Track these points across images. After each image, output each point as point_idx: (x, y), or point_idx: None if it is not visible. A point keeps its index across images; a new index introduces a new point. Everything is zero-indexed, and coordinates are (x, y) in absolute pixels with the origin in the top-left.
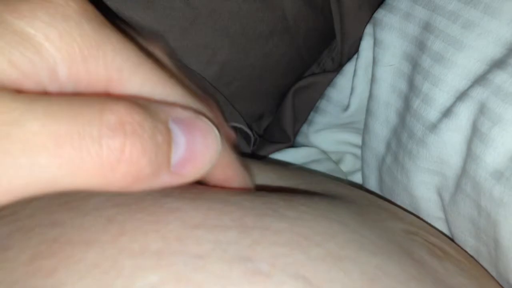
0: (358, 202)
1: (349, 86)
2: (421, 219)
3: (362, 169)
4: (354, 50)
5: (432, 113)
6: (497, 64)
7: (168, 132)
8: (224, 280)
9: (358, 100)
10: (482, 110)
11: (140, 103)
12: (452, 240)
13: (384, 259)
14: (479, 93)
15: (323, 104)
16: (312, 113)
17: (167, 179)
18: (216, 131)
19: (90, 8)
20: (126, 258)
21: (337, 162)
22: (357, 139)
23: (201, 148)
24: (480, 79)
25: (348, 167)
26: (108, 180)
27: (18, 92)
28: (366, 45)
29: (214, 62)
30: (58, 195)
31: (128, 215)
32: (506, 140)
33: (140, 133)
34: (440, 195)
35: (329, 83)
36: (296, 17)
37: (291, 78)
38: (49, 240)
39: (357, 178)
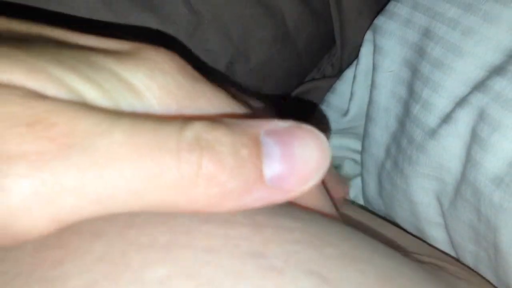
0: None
1: (349, 92)
2: (416, 236)
3: (361, 175)
4: (354, 56)
5: (431, 119)
6: (497, 71)
7: (257, 145)
8: (236, 275)
9: (358, 106)
10: (481, 116)
11: (223, 121)
12: (447, 254)
13: (397, 261)
14: (478, 99)
15: (323, 109)
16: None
17: (264, 195)
18: (322, 137)
19: (185, 64)
20: (134, 250)
21: (336, 167)
22: (357, 145)
23: (302, 158)
24: (479, 86)
25: (348, 172)
26: (190, 197)
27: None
28: (366, 51)
29: (217, 67)
30: None
31: None
32: (505, 146)
33: (217, 148)
34: (439, 200)
35: (328, 88)
36: (296, 23)
37: (291, 83)
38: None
39: (356, 184)
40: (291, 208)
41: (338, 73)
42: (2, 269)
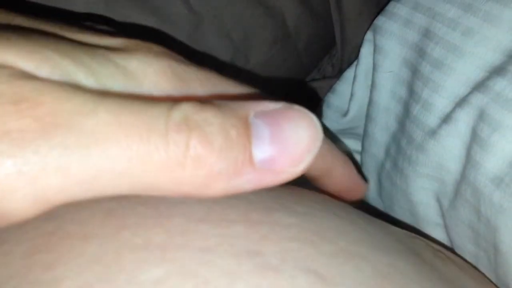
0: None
1: (349, 92)
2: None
3: None
4: (354, 56)
5: (431, 119)
6: (497, 71)
7: (246, 126)
8: (232, 274)
9: (358, 106)
10: (481, 116)
11: (213, 102)
12: (450, 249)
13: (395, 257)
14: (478, 100)
15: (323, 109)
16: None
17: (255, 177)
18: (313, 117)
19: (177, 55)
20: (128, 252)
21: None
22: (357, 145)
23: (292, 139)
24: (479, 86)
25: None
26: (178, 178)
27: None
28: (366, 51)
29: (217, 68)
30: None
31: (129, 209)
32: (505, 146)
33: (206, 128)
34: (439, 201)
35: (329, 89)
36: (296, 24)
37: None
38: (46, 233)
39: None
40: (286, 199)
41: (338, 73)
42: None
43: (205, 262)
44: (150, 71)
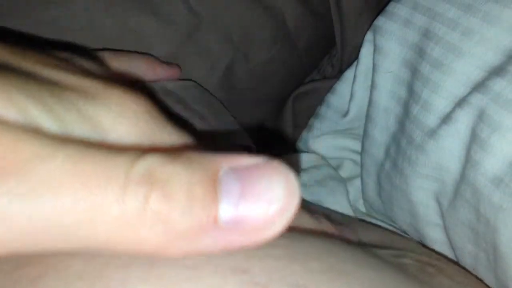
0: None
1: (349, 92)
2: (409, 239)
3: (361, 175)
4: (354, 56)
5: (431, 119)
6: (496, 71)
7: (214, 183)
8: None
9: (358, 106)
10: (481, 116)
11: (183, 154)
12: (445, 257)
13: (381, 273)
14: (478, 100)
15: (323, 110)
16: (312, 119)
17: (221, 238)
18: (291, 175)
19: (151, 104)
20: (113, 269)
21: (336, 168)
22: (357, 145)
23: (266, 197)
24: (479, 86)
25: (347, 173)
26: (135, 236)
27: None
28: (366, 51)
29: (217, 68)
30: None
31: None
32: (505, 146)
33: (169, 184)
34: (438, 201)
35: (329, 89)
36: (297, 24)
37: (291, 84)
38: None
39: (356, 184)
40: None
41: (338, 73)
42: None
43: (192, 279)
44: (119, 120)
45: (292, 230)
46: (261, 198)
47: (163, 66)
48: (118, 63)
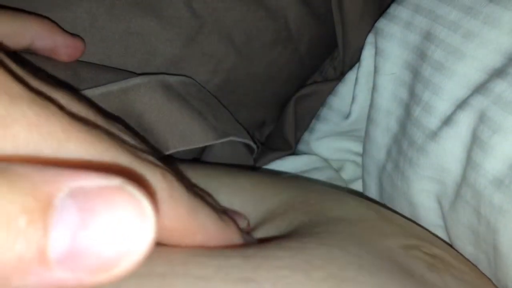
0: (359, 220)
1: (351, 95)
2: (423, 227)
3: (362, 177)
4: (355, 59)
5: (432, 121)
6: (497, 73)
7: (45, 211)
8: None
9: (359, 108)
10: (482, 118)
11: (11, 169)
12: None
13: (384, 279)
14: (479, 102)
15: (324, 112)
16: (313, 121)
17: (51, 279)
18: (145, 204)
19: None
20: (128, 281)
21: (337, 170)
22: (358, 147)
23: (109, 230)
24: (480, 88)
25: (349, 175)
26: None
27: None
28: (367, 54)
29: (219, 70)
30: None
31: None
32: (505, 148)
33: None
34: (439, 203)
35: (330, 91)
36: (298, 26)
37: (293, 86)
38: None
39: (357, 186)
40: (281, 239)
41: (340, 76)
42: None
43: None
44: None
45: (297, 241)
46: (101, 232)
47: (64, 34)
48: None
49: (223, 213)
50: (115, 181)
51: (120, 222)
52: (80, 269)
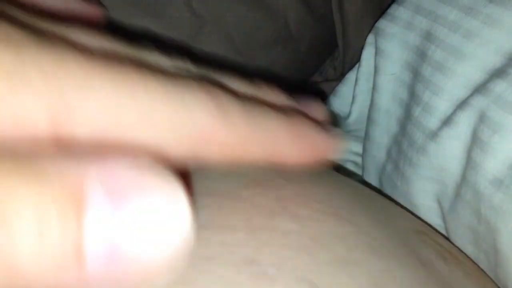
0: (371, 198)
1: (351, 95)
2: (426, 223)
3: (362, 177)
4: (356, 59)
5: (432, 121)
6: (497, 73)
7: (78, 202)
8: (230, 283)
9: (359, 109)
10: (482, 118)
11: (32, 163)
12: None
13: (392, 262)
14: (479, 102)
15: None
16: None
17: (84, 274)
18: (180, 190)
19: None
20: None
21: (337, 170)
22: (358, 147)
23: (143, 224)
24: (480, 88)
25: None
26: None
27: None
28: (367, 54)
29: (220, 70)
30: None
31: None
32: (506, 148)
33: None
34: (439, 203)
35: (331, 92)
36: (298, 26)
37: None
38: None
39: None
40: (291, 201)
41: (340, 76)
42: None
43: (206, 271)
44: None
45: (307, 208)
46: (137, 226)
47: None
48: None
49: (292, 110)
50: (145, 164)
51: (156, 211)
52: (115, 265)
